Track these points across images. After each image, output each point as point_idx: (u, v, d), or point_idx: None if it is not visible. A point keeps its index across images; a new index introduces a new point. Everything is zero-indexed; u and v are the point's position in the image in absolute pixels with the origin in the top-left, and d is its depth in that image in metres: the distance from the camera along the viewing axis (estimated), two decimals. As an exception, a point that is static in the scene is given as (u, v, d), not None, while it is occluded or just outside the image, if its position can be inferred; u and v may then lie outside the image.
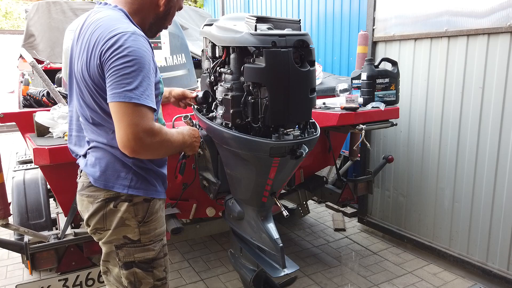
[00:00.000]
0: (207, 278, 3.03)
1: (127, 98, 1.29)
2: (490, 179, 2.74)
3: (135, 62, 1.31)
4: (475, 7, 2.68)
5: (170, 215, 2.50)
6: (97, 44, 1.34)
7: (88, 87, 1.40)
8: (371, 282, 2.95)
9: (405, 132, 3.28)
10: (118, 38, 1.31)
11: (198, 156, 2.40)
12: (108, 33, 1.33)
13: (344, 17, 4.15)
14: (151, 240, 1.53)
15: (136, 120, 1.30)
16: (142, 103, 1.30)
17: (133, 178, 1.48)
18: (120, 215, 1.47)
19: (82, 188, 1.53)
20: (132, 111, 1.30)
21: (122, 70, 1.30)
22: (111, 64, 1.31)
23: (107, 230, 1.50)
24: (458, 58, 2.83)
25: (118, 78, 1.30)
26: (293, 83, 1.73)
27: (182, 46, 2.82)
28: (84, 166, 1.51)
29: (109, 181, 1.47)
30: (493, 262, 2.80)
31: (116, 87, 1.30)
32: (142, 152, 1.34)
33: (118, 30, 1.33)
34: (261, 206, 2.09)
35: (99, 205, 1.48)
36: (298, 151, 1.79)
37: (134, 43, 1.32)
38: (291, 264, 2.00)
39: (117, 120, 1.31)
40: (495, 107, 2.65)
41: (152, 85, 1.36)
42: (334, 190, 3.19)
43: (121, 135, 1.30)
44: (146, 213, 1.51)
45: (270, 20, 1.89)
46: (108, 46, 1.31)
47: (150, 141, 1.32)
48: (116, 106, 1.30)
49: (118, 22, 1.38)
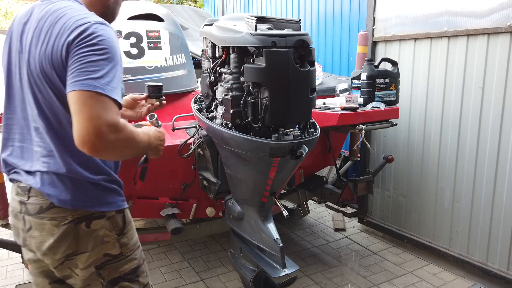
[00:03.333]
0: (207, 278, 3.03)
1: (90, 87, 1.12)
2: (490, 179, 2.74)
3: (105, 51, 1.18)
4: (475, 7, 2.68)
5: (170, 215, 2.50)
6: (62, 34, 1.19)
7: (52, 84, 1.23)
8: (371, 282, 2.95)
9: (405, 132, 3.28)
10: (88, 26, 1.19)
11: (198, 156, 2.40)
12: (75, 22, 1.20)
13: (344, 17, 4.15)
14: (131, 249, 1.44)
15: (99, 112, 1.11)
16: (108, 94, 1.14)
17: (103, 194, 1.36)
18: (97, 234, 1.34)
19: (40, 210, 1.31)
20: (94, 102, 1.12)
21: (88, 57, 1.15)
22: (76, 51, 1.16)
23: (82, 254, 1.34)
24: (458, 58, 2.83)
25: (82, 65, 1.14)
26: (293, 83, 1.73)
27: (182, 46, 2.82)
28: (40, 186, 1.29)
29: (77, 201, 1.31)
30: (493, 262, 2.80)
31: (78, 74, 1.13)
32: (104, 150, 1.14)
33: (87, 20, 1.21)
34: (261, 206, 2.09)
35: (68, 227, 1.30)
36: (298, 151, 1.79)
37: (105, 33, 1.20)
38: (291, 264, 2.00)
39: (76, 111, 1.12)
40: (495, 107, 2.65)
41: (120, 79, 1.22)
42: (334, 190, 3.19)
43: (80, 129, 1.10)
44: (124, 224, 1.41)
45: (270, 20, 1.90)
46: (75, 35, 1.17)
47: (114, 138, 1.13)
48: (76, 96, 1.12)
49: (84, 12, 1.25)
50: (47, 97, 1.26)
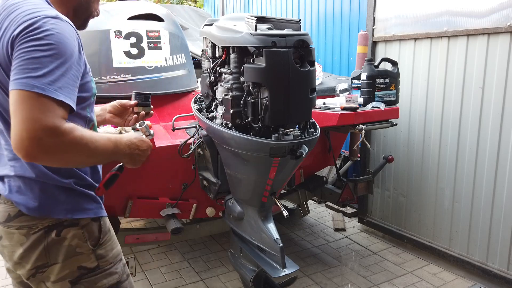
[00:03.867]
0: (207, 278, 3.03)
1: (28, 86, 1.01)
2: (490, 179, 2.74)
3: (51, 47, 1.05)
4: (475, 7, 2.68)
5: (170, 215, 2.50)
6: (9, 29, 1.09)
7: (1, 83, 1.14)
8: (371, 282, 2.95)
9: (405, 132, 3.28)
10: (36, 20, 1.07)
11: (198, 156, 2.40)
12: (24, 17, 1.08)
13: (344, 17, 4.15)
14: (111, 262, 1.33)
15: (35, 115, 1.00)
16: (48, 95, 1.02)
17: (76, 200, 1.26)
18: (68, 243, 1.24)
19: (8, 218, 1.22)
20: (32, 103, 1.01)
21: (31, 53, 1.04)
22: (19, 46, 1.05)
23: (53, 265, 1.24)
24: (458, 58, 2.83)
25: (23, 61, 1.03)
26: (293, 83, 1.73)
27: (182, 46, 2.82)
28: (7, 194, 1.21)
29: (46, 208, 1.21)
30: (493, 262, 2.80)
31: (18, 72, 1.03)
32: (40, 156, 1.03)
33: (37, 14, 1.09)
34: (261, 206, 2.09)
35: (37, 236, 1.21)
36: (298, 151, 1.79)
37: (54, 27, 1.08)
38: (291, 264, 2.00)
39: (12, 113, 1.02)
40: (495, 107, 2.65)
41: (72, 78, 1.10)
42: (334, 190, 3.19)
43: (15, 132, 1.00)
44: (100, 233, 1.30)
45: (270, 20, 1.90)
46: (21, 29, 1.06)
47: (53, 142, 1.02)
48: (14, 96, 1.02)
49: (38, 6, 1.13)
50: (1, 98, 1.16)
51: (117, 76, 2.53)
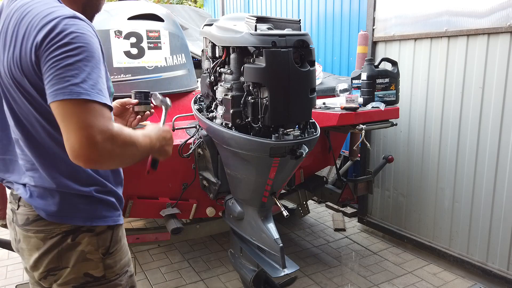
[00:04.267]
0: (207, 278, 3.03)
1: (74, 94, 0.99)
2: (490, 179, 2.74)
3: (81, 50, 1.03)
4: (475, 7, 2.68)
5: (170, 215, 2.50)
6: (29, 35, 1.05)
7: (25, 92, 1.11)
8: (371, 282, 2.95)
9: (405, 132, 3.28)
10: (56, 23, 1.03)
11: (198, 156, 2.40)
12: (42, 19, 1.05)
13: (344, 17, 4.15)
14: (117, 274, 1.30)
15: (90, 121, 1.00)
16: (95, 99, 1.02)
17: (96, 207, 1.24)
18: (81, 249, 1.23)
19: (27, 222, 1.22)
20: (82, 110, 1.00)
21: (64, 60, 1.01)
22: (48, 55, 1.02)
23: (63, 269, 1.24)
24: (458, 58, 2.83)
25: (59, 70, 1.01)
26: (293, 83, 1.73)
27: (182, 46, 2.82)
28: (28, 197, 1.21)
29: (66, 215, 1.21)
30: (493, 262, 2.80)
31: (58, 82, 1.00)
32: (101, 160, 1.03)
33: (54, 15, 1.05)
34: (261, 206, 2.09)
35: (55, 240, 1.21)
36: (298, 151, 1.79)
37: (77, 28, 1.05)
38: (291, 264, 2.01)
39: (64, 123, 1.01)
40: (495, 107, 2.65)
41: (103, 78, 1.09)
42: (334, 190, 3.19)
43: (72, 142, 0.99)
44: (110, 242, 1.27)
45: (270, 20, 1.90)
46: (43, 35, 1.03)
47: (110, 145, 1.02)
48: (61, 106, 1.00)
49: (51, 6, 1.09)
50: (22, 107, 1.14)
51: (117, 76, 2.53)
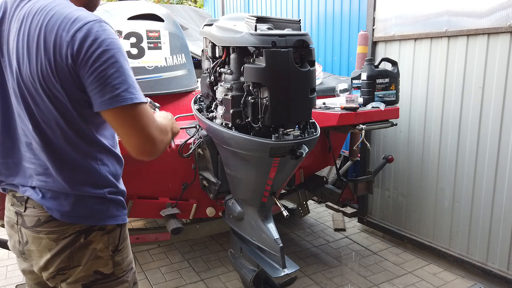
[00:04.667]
0: (207, 278, 3.03)
1: (127, 100, 1.10)
2: (490, 179, 2.74)
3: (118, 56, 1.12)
4: (475, 7, 2.68)
5: (170, 215, 2.50)
6: (61, 40, 1.09)
7: (53, 97, 1.14)
8: (371, 282, 2.95)
9: (405, 132, 3.28)
10: (88, 29, 1.09)
11: (198, 156, 2.40)
12: (71, 25, 1.09)
13: (344, 17, 4.15)
14: (124, 270, 1.35)
15: (145, 122, 1.14)
16: (141, 101, 1.14)
17: (108, 207, 1.29)
18: (93, 247, 1.26)
19: (38, 223, 1.23)
20: (137, 113, 1.13)
21: (108, 69, 1.09)
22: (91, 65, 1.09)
23: (74, 268, 1.26)
24: (458, 58, 2.83)
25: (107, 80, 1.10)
26: (293, 83, 1.73)
27: (182, 46, 2.82)
28: (40, 198, 1.22)
29: (80, 215, 1.24)
30: (493, 262, 2.80)
31: (109, 90, 1.10)
32: (158, 152, 1.20)
33: (83, 20, 1.10)
34: (261, 206, 2.09)
35: (68, 240, 1.23)
36: (298, 151, 1.79)
37: (108, 34, 1.12)
38: (291, 264, 2.01)
39: (123, 127, 1.14)
40: (495, 107, 2.65)
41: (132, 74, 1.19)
42: (334, 190, 3.19)
43: (135, 142, 1.14)
44: (119, 240, 1.32)
45: (270, 20, 1.90)
46: (79, 44, 1.08)
47: (161, 137, 1.19)
48: (117, 112, 1.12)
49: (73, 9, 1.14)
50: (45, 111, 1.17)
51: (117, 76, 2.53)
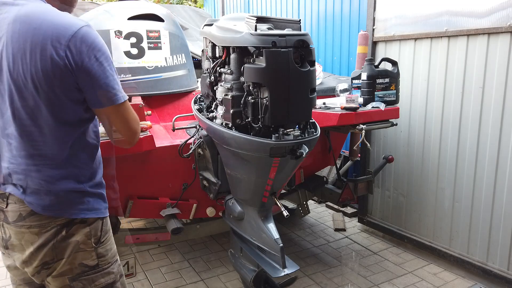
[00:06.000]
0: (207, 278, 3.03)
1: (120, 99, 1.29)
2: (490, 179, 2.74)
3: (107, 57, 1.26)
4: (475, 7, 2.68)
5: (170, 215, 2.50)
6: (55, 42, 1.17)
7: (44, 94, 1.20)
8: (371, 282, 2.95)
9: (405, 132, 3.28)
10: (83, 34, 1.20)
11: (198, 156, 2.40)
12: (64, 29, 1.18)
13: (344, 17, 4.15)
14: (109, 262, 1.39)
15: (132, 116, 1.37)
16: (126, 99, 1.33)
17: (89, 200, 1.33)
18: (75, 239, 1.30)
19: (20, 218, 1.25)
20: (128, 109, 1.35)
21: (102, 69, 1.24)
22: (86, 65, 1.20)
23: (58, 261, 1.29)
24: (458, 58, 2.83)
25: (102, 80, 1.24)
26: (293, 83, 1.73)
27: (182, 46, 2.82)
28: (21, 194, 1.25)
29: (62, 208, 1.27)
30: (493, 262, 2.80)
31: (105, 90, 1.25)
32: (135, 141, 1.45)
33: (74, 26, 1.20)
34: (261, 206, 2.09)
35: (49, 234, 1.26)
36: (298, 151, 1.79)
37: (96, 36, 1.24)
38: (291, 264, 2.00)
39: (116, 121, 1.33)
40: (495, 107, 2.65)
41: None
42: (334, 190, 3.18)
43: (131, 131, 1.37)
44: (101, 232, 1.36)
45: (270, 20, 1.89)
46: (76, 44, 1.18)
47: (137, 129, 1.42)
48: (112, 109, 1.30)
49: (60, 15, 1.23)
50: (32, 107, 1.21)
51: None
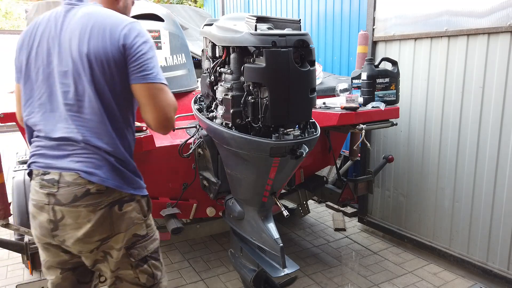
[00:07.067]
0: (207, 278, 3.03)
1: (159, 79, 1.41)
2: (490, 179, 2.74)
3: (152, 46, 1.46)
4: (475, 7, 2.68)
5: (171, 215, 2.50)
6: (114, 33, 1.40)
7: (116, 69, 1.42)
8: (371, 282, 2.95)
9: (405, 132, 3.28)
10: (132, 26, 1.43)
11: (198, 156, 2.40)
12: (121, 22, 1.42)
13: (344, 17, 4.15)
14: (154, 230, 1.60)
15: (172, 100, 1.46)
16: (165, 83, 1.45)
17: (137, 179, 1.52)
18: (129, 216, 1.47)
19: (75, 198, 1.38)
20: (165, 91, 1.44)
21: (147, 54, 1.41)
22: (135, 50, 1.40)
23: (116, 235, 1.45)
24: (458, 58, 2.83)
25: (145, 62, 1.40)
26: (293, 83, 1.73)
27: (182, 46, 2.82)
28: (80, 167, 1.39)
29: (119, 182, 1.44)
30: (493, 261, 2.80)
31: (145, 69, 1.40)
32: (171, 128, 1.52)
33: (127, 20, 1.44)
34: (261, 206, 2.09)
35: (103, 211, 1.41)
36: (298, 151, 1.79)
37: (143, 30, 1.46)
38: (291, 264, 2.00)
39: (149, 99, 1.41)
40: (495, 107, 2.65)
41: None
42: (334, 190, 3.18)
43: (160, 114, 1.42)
44: (148, 207, 1.57)
45: (270, 20, 1.90)
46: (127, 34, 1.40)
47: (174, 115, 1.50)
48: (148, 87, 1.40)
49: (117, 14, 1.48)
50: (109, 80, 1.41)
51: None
